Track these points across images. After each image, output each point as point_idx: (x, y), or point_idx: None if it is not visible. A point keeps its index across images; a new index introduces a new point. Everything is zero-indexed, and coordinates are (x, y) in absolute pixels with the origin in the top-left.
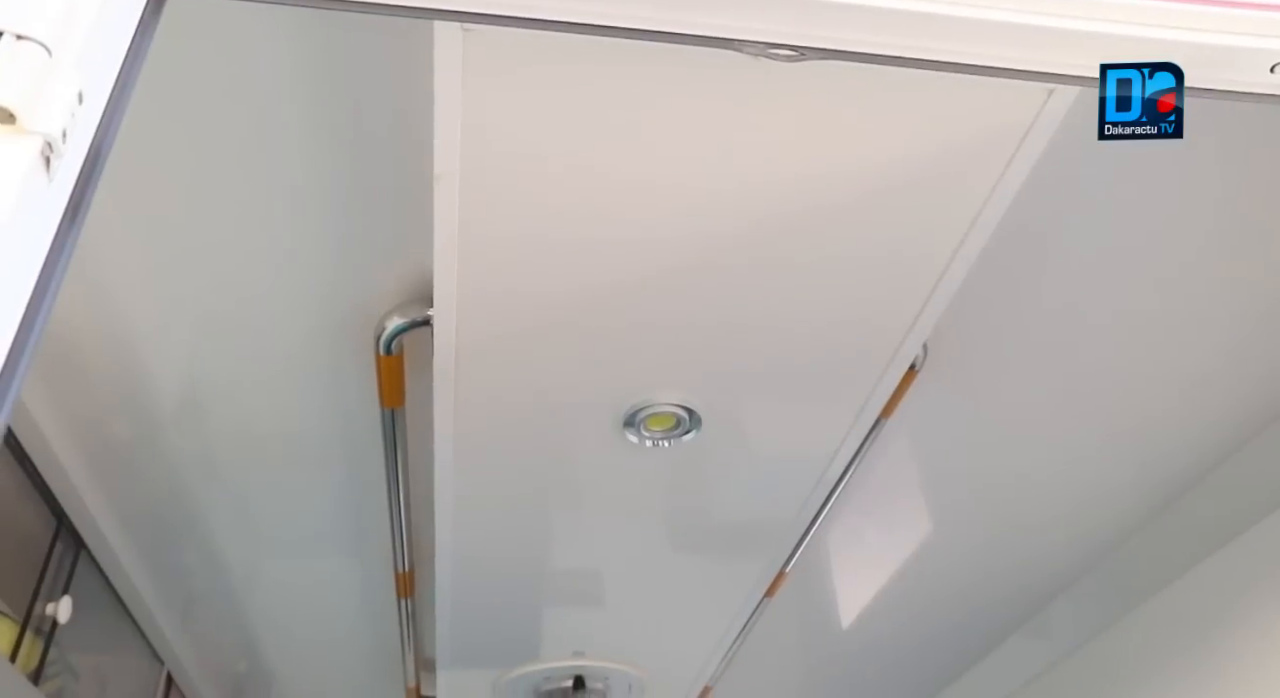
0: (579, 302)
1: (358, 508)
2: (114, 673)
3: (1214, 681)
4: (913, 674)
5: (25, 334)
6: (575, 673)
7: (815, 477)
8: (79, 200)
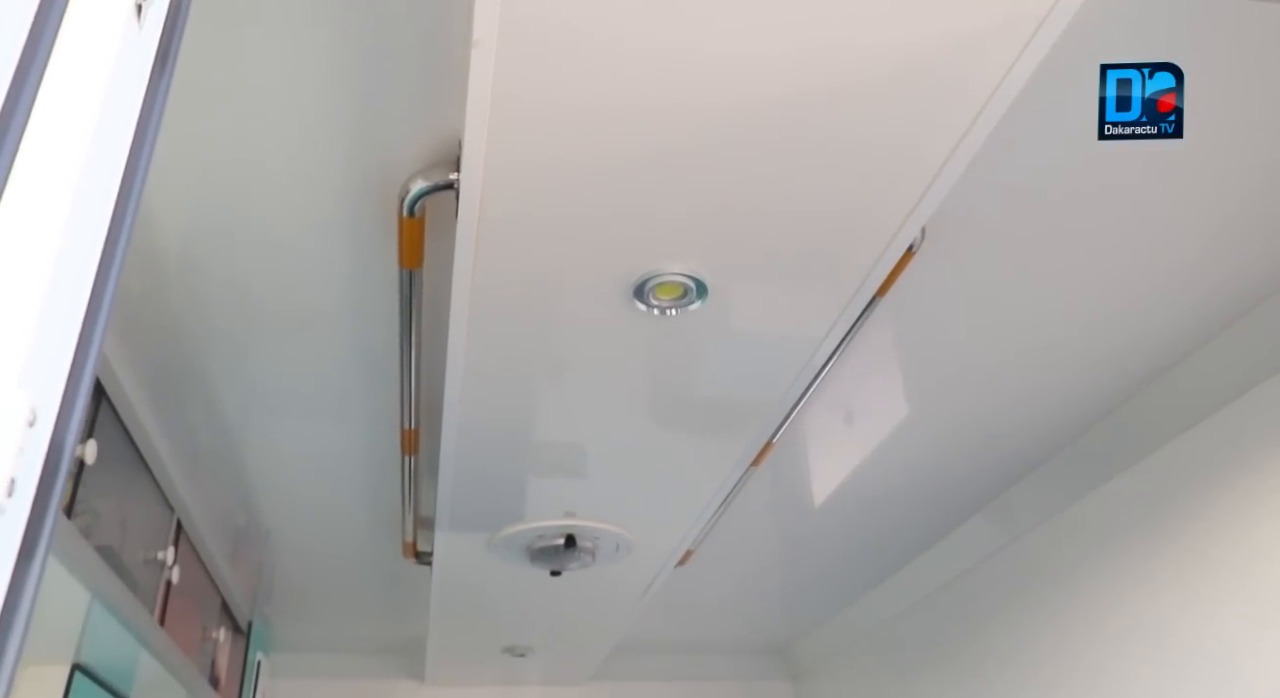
0: (599, 170)
1: (367, 369)
2: (131, 516)
3: (1173, 559)
4: (880, 549)
5: (129, 185)
6: (567, 532)
7: (809, 350)
8: (168, 47)
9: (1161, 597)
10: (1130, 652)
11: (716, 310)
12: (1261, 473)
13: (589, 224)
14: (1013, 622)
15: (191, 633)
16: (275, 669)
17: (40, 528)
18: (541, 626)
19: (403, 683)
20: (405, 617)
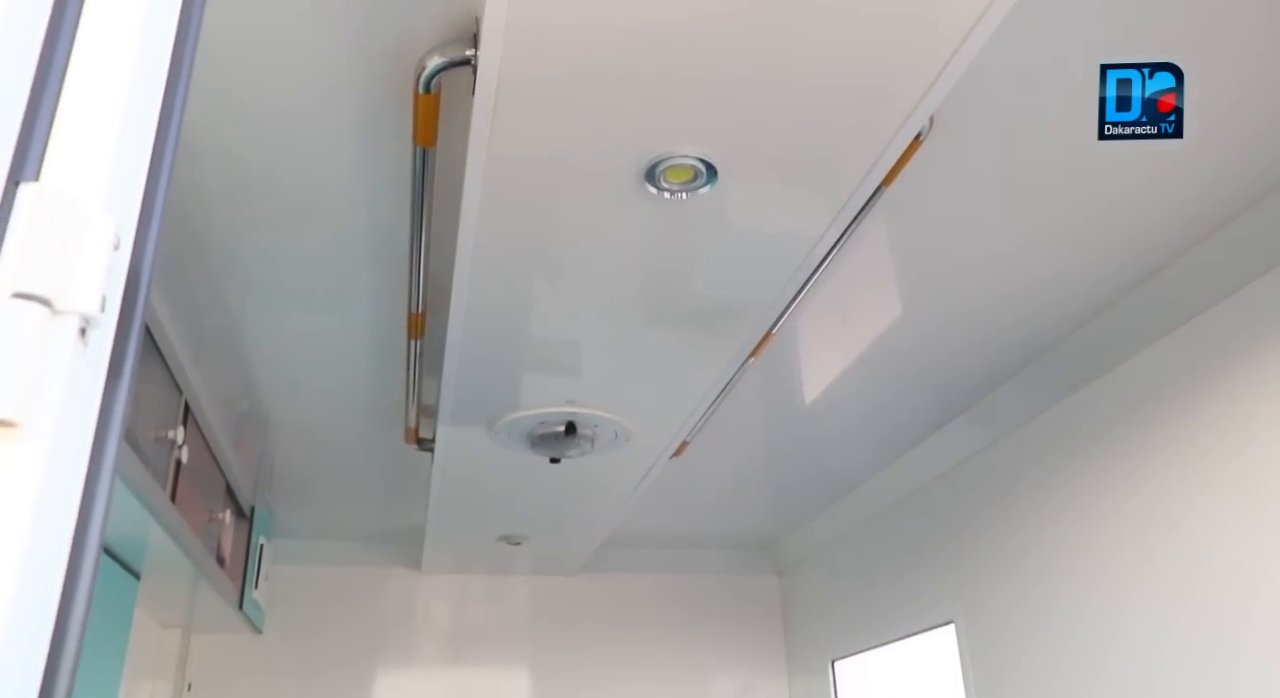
0: (613, 47)
1: (373, 253)
2: (143, 396)
3: (1160, 456)
4: (866, 448)
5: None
6: (567, 419)
7: (812, 241)
8: None
9: (1147, 494)
10: (1115, 546)
11: (724, 196)
12: (1251, 370)
13: (604, 101)
14: (995, 518)
15: (199, 514)
16: (276, 555)
17: (126, 347)
18: (538, 515)
19: (400, 571)
20: (404, 506)
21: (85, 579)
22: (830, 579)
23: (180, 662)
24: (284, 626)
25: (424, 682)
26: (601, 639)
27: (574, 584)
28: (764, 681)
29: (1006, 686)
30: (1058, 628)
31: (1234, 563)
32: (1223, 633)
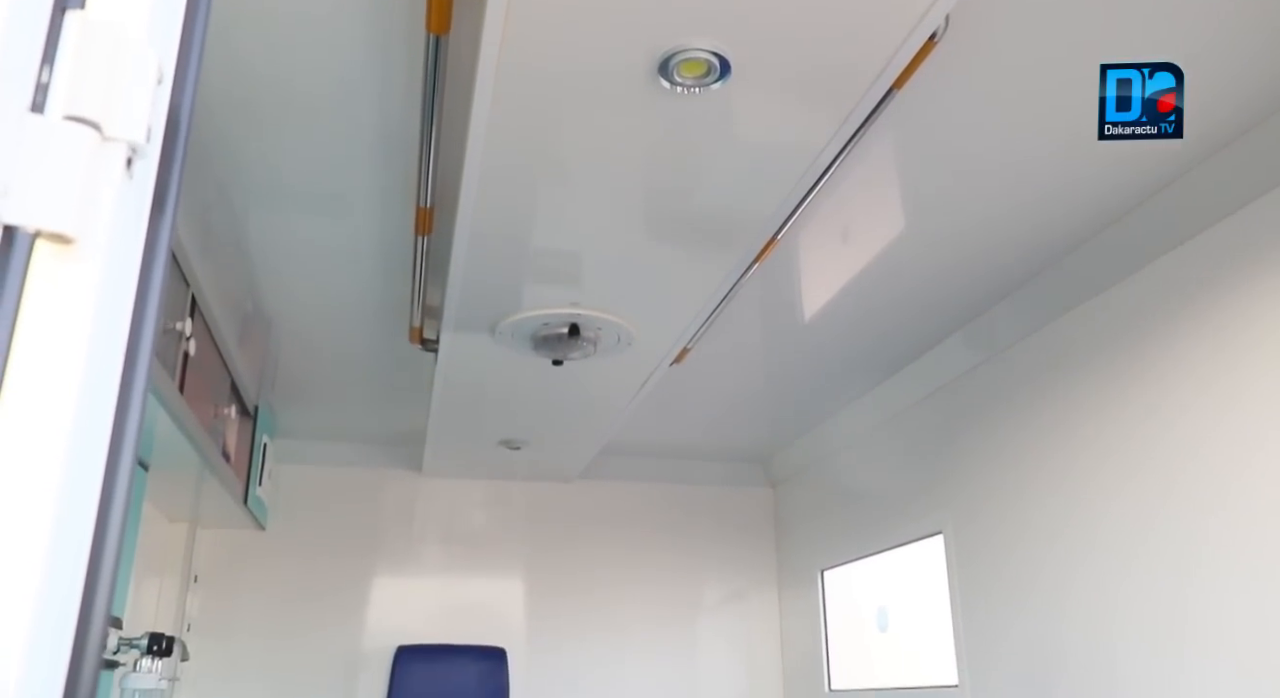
0: None
1: (380, 148)
2: None
3: (1156, 372)
4: (863, 364)
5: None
6: (571, 321)
7: (820, 144)
8: None
9: (1131, 413)
10: (1098, 462)
11: (736, 92)
12: (1238, 294)
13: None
14: (985, 434)
15: (205, 408)
16: (280, 454)
17: (169, 180)
18: (538, 420)
19: (401, 473)
20: (405, 409)
21: (137, 394)
22: (823, 492)
23: (187, 555)
24: (287, 523)
25: (422, 581)
26: (596, 546)
27: (571, 491)
28: (754, 589)
29: (990, 591)
30: (1041, 538)
31: (1207, 480)
32: (1195, 545)
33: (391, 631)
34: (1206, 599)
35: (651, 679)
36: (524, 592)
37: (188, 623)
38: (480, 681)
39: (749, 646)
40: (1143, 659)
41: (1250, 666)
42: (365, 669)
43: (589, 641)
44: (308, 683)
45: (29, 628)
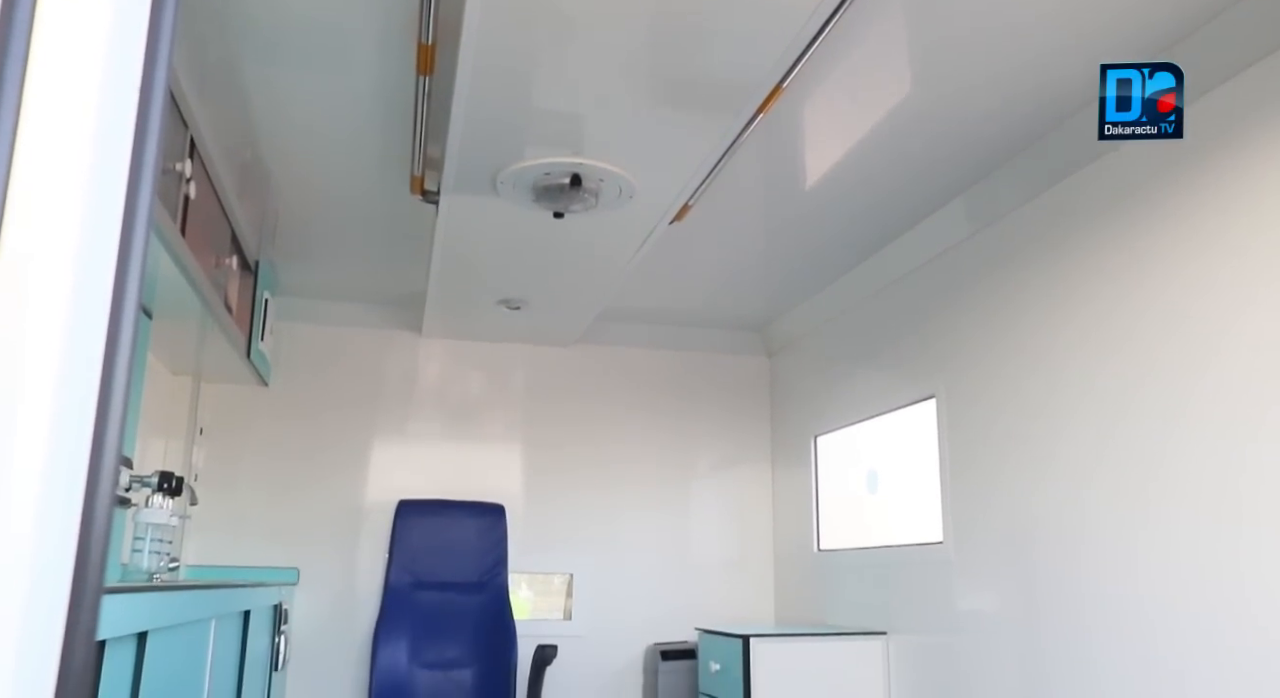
0: None
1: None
2: None
3: (1156, 235)
4: (860, 232)
5: None
6: (573, 171)
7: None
8: None
9: (1122, 282)
10: (1088, 326)
11: None
12: (1239, 160)
13: None
14: (979, 301)
15: (207, 256)
16: (281, 312)
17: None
18: (538, 278)
19: (401, 334)
20: (406, 268)
21: (141, 220)
22: (818, 360)
23: (192, 408)
24: (289, 380)
25: (422, 440)
26: (594, 410)
27: (570, 355)
28: (748, 455)
29: (978, 454)
30: (1029, 402)
31: (1191, 347)
32: (1176, 408)
33: (392, 487)
34: (1181, 461)
35: (645, 540)
36: (522, 453)
37: (195, 473)
38: (479, 534)
39: (741, 509)
40: (1114, 518)
41: (1217, 513)
42: (367, 522)
43: (585, 501)
44: (311, 534)
45: (43, 466)
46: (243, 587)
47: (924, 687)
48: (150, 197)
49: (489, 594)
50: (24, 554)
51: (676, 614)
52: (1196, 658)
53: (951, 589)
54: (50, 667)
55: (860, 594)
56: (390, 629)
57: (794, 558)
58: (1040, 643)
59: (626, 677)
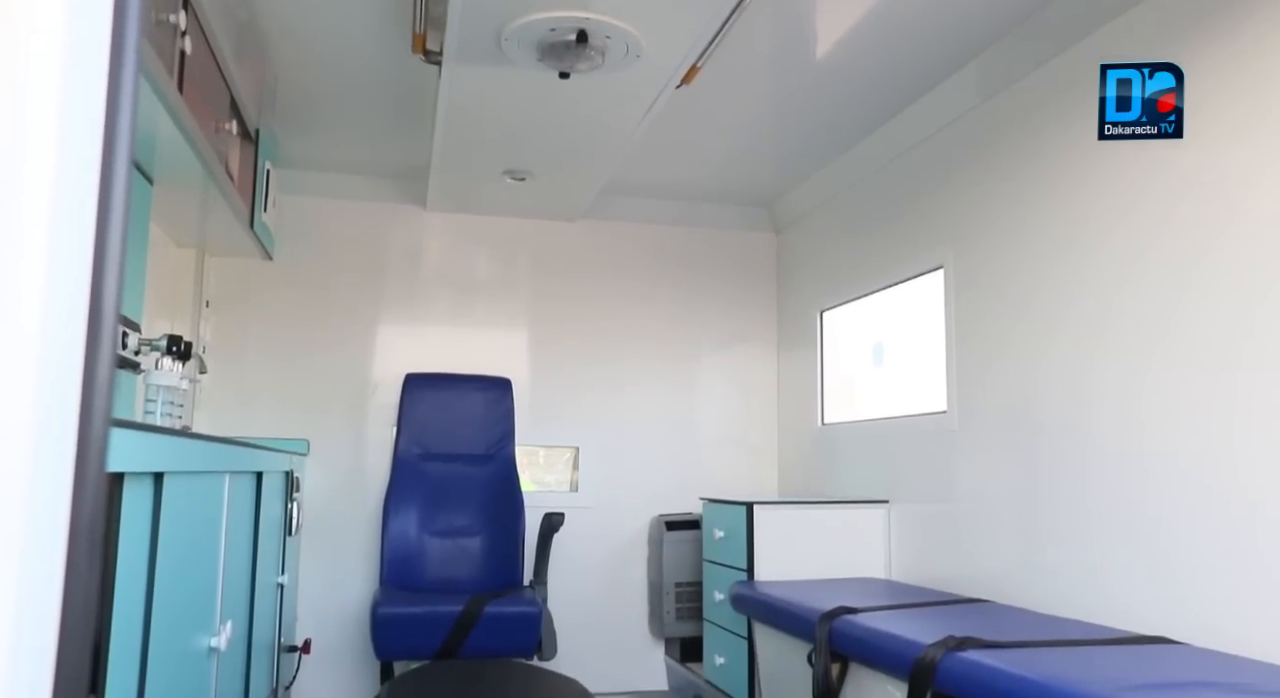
0: None
1: None
2: None
3: None
4: (868, 103)
5: None
6: (579, 27)
7: None
8: None
9: (1129, 150)
10: (1096, 196)
11: None
12: (1259, 17)
13: None
14: (987, 171)
15: (205, 117)
16: (283, 184)
17: None
18: (544, 146)
19: (406, 207)
20: (409, 140)
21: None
22: (826, 235)
23: (197, 281)
24: (293, 254)
25: (428, 315)
26: (600, 286)
27: (575, 230)
28: (754, 331)
29: (984, 323)
30: (1036, 271)
31: (1204, 209)
32: (1188, 270)
33: (398, 362)
34: (1187, 328)
35: (651, 415)
36: (528, 328)
37: (203, 345)
38: (486, 408)
39: (746, 385)
40: (1119, 386)
41: (1222, 381)
42: (374, 396)
43: (590, 377)
44: (319, 406)
45: (39, 320)
46: (254, 447)
47: (924, 553)
48: (137, 32)
49: (496, 466)
50: (29, 380)
51: (681, 488)
52: (1197, 528)
53: (954, 459)
54: (64, 498)
55: (863, 467)
56: (400, 499)
57: (798, 433)
58: (1040, 511)
59: (632, 548)
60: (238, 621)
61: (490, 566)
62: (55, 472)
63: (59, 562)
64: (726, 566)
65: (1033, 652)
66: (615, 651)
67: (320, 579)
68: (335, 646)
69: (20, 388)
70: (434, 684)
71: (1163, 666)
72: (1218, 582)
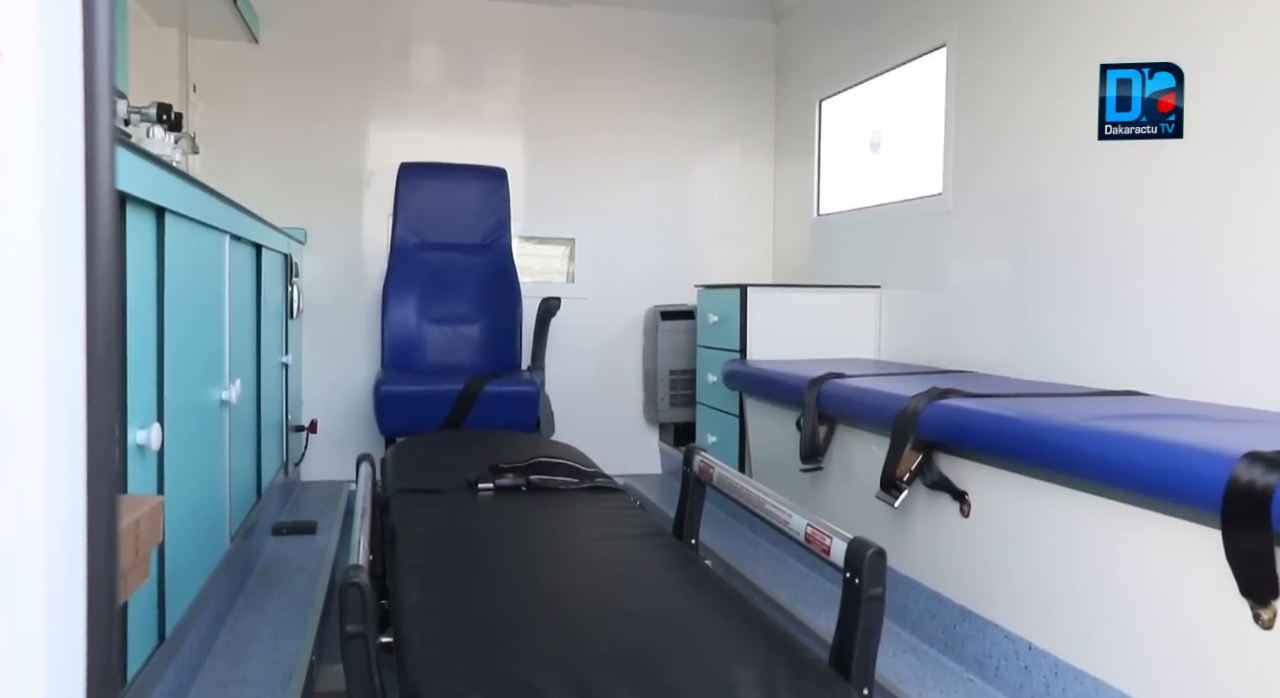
0: None
1: None
2: None
3: None
4: None
5: None
6: None
7: None
8: None
9: None
10: None
11: None
12: None
13: None
14: None
15: None
16: None
17: None
18: None
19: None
20: None
21: None
22: (826, 23)
23: (181, 61)
24: (280, 37)
25: (420, 103)
26: (595, 76)
27: (570, 15)
28: (751, 122)
29: (984, 105)
30: (1039, 51)
31: None
32: (1196, 48)
33: (393, 152)
34: (1190, 109)
35: (646, 207)
36: (522, 118)
37: (192, 131)
38: (482, 197)
39: (743, 177)
40: (1113, 174)
41: (1219, 157)
42: (370, 185)
43: (586, 168)
44: (315, 196)
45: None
46: (253, 217)
47: (914, 334)
48: None
49: (493, 255)
50: None
51: (676, 280)
52: (1175, 305)
53: (947, 243)
54: (77, 216)
55: (857, 255)
56: (399, 287)
57: (794, 224)
58: (1029, 292)
59: (628, 338)
60: (246, 382)
61: (489, 351)
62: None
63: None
64: (720, 348)
65: (1012, 401)
66: (611, 436)
67: (324, 365)
68: (341, 427)
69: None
70: (437, 446)
71: (1132, 407)
72: (1186, 347)
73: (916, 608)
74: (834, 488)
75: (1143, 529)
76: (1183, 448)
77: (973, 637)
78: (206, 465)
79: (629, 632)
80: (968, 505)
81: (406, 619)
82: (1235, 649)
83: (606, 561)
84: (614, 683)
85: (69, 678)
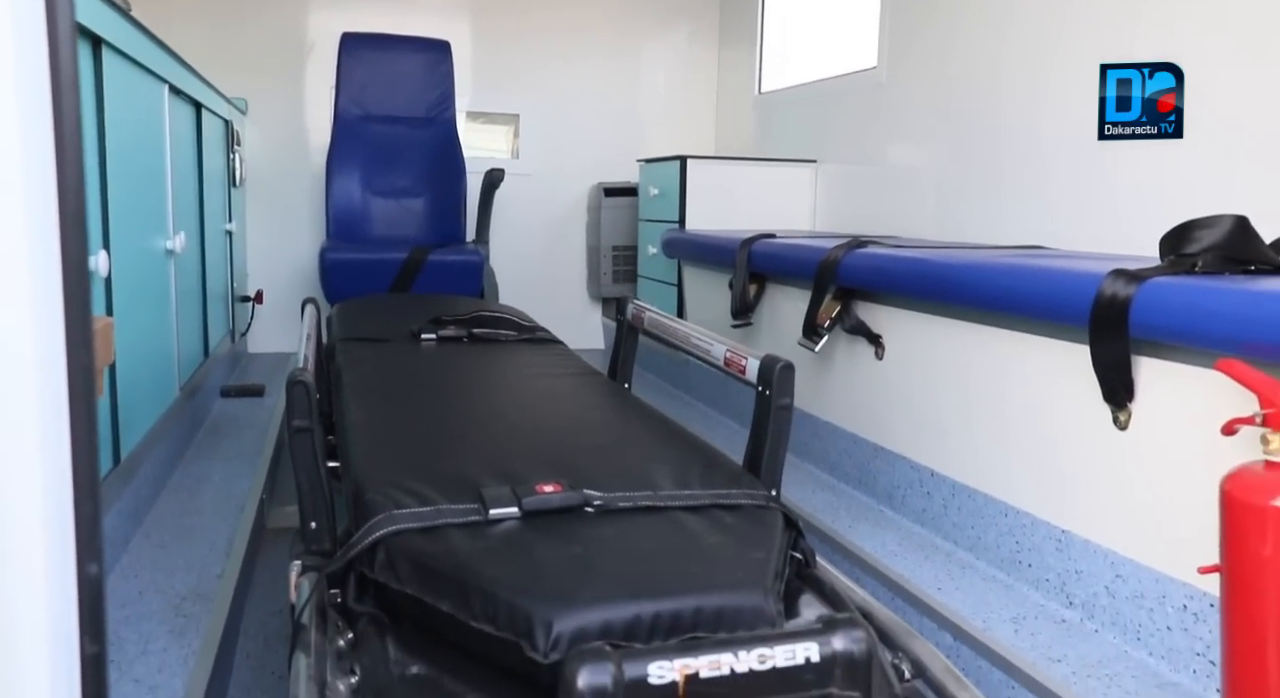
0: None
1: None
2: None
3: None
4: None
5: None
6: None
7: None
8: None
9: None
10: None
11: None
12: None
13: None
14: None
15: None
16: None
17: None
18: None
19: None
20: None
21: None
22: None
23: None
24: None
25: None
26: None
27: None
28: (697, 10)
29: None
30: None
31: None
32: None
33: (334, 21)
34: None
35: (591, 86)
36: (470, 29)
37: None
38: (425, 70)
39: (687, 58)
40: (1033, 43)
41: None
42: (311, 56)
43: (531, 44)
44: (255, 68)
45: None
46: (192, 71)
47: (848, 206)
48: None
49: (437, 129)
50: None
51: (620, 157)
52: (1080, 172)
53: (880, 115)
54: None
55: (796, 131)
56: (343, 159)
57: (735, 102)
58: (955, 164)
59: (571, 214)
60: (190, 239)
61: (433, 224)
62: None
63: None
64: (660, 221)
65: (927, 251)
66: (554, 311)
67: (269, 237)
68: (286, 299)
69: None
70: (382, 305)
71: (1034, 255)
72: (1082, 207)
73: (835, 450)
74: (762, 342)
75: (1027, 355)
76: (1062, 272)
77: (884, 471)
78: (153, 307)
79: (560, 439)
80: (882, 349)
81: (351, 433)
82: (1096, 451)
83: (541, 393)
84: (544, 475)
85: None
